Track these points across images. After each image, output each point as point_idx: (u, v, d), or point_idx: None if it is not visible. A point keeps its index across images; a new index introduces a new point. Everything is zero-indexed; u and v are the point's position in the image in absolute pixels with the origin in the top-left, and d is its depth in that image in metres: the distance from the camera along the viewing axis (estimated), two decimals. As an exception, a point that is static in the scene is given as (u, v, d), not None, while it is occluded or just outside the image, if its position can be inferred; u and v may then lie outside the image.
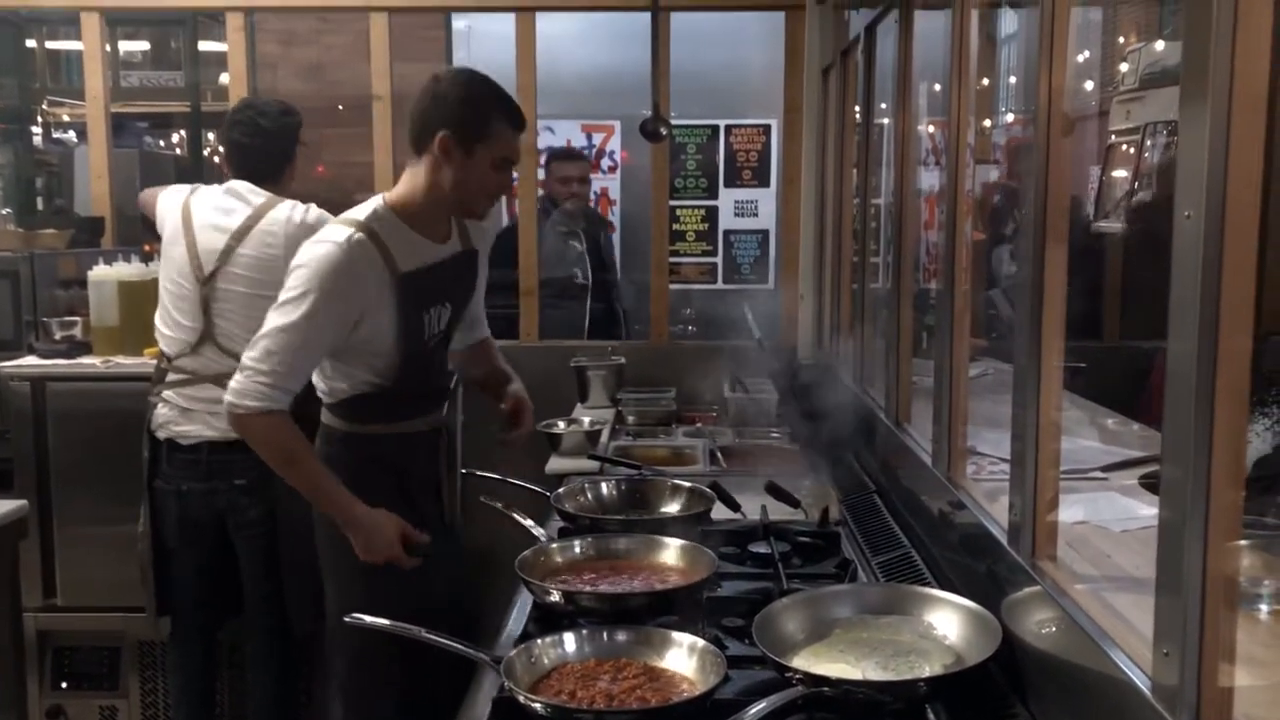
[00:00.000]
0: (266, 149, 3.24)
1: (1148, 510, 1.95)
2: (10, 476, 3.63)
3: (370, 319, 2.35)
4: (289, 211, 3.14)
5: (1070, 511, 1.81)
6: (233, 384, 2.30)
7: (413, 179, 2.42)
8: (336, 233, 2.33)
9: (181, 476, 3.18)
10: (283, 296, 2.30)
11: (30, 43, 7.35)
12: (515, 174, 2.58)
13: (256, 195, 3.18)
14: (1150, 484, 2.09)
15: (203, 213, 3.17)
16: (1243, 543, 1.21)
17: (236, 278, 3.10)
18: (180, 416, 3.16)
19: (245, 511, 3.17)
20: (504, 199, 4.79)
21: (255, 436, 2.33)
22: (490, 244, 2.74)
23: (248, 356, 2.30)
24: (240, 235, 3.11)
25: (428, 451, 2.59)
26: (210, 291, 3.11)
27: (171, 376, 3.17)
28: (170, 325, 3.18)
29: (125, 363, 3.69)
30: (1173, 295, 1.10)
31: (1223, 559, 1.09)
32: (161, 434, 3.18)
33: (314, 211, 3.16)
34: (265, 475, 2.95)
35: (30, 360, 3.72)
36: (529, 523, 2.36)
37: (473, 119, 2.34)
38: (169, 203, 3.27)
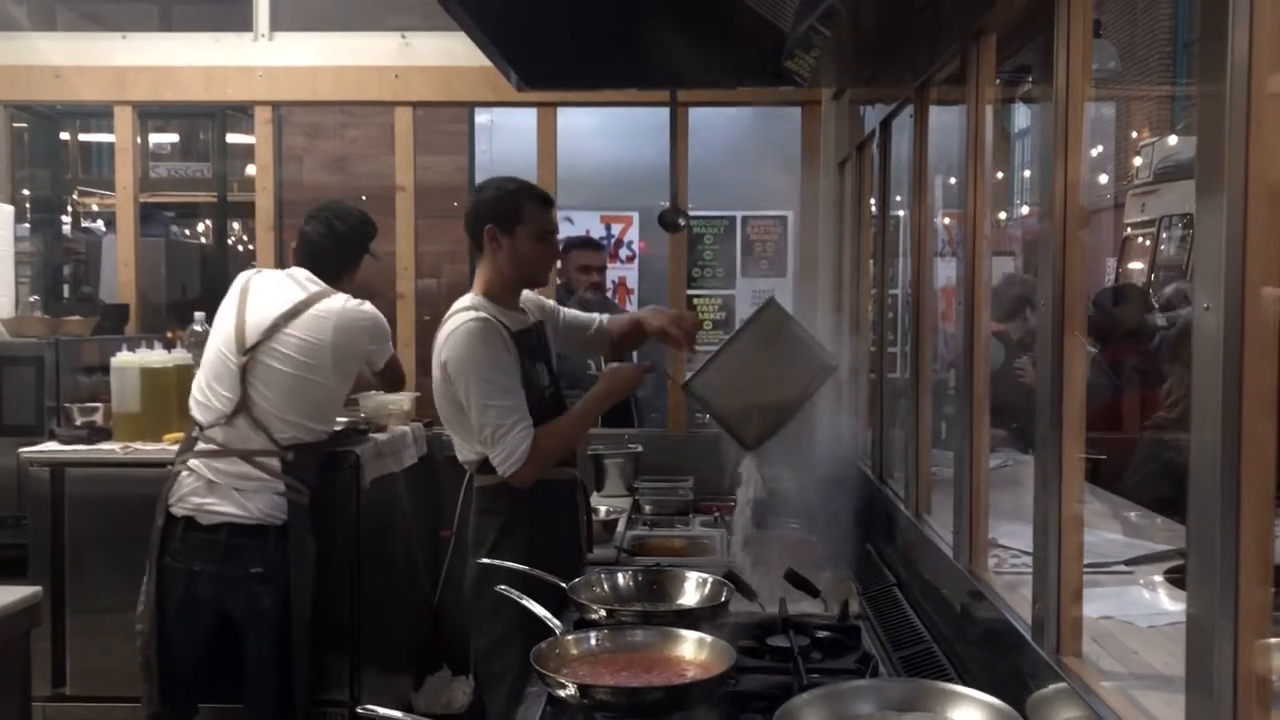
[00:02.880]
0: (335, 249, 3.39)
1: (1174, 606, 1.91)
2: (25, 563, 3.61)
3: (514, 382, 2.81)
4: (343, 302, 3.29)
5: (1095, 606, 1.78)
6: (497, 464, 2.76)
7: (484, 272, 2.93)
8: (460, 321, 2.81)
9: (196, 556, 3.14)
10: (462, 397, 2.78)
11: (64, 135, 7.54)
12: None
13: (313, 283, 3.32)
14: (1175, 579, 2.05)
15: (259, 290, 3.30)
16: (1273, 640, 1.18)
17: (280, 356, 3.18)
18: (205, 489, 3.15)
19: (259, 600, 3.14)
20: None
21: (544, 463, 2.79)
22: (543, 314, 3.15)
23: (492, 453, 2.77)
24: (290, 315, 3.22)
25: (566, 499, 2.96)
26: (251, 364, 3.17)
27: (201, 446, 3.18)
28: (207, 394, 3.22)
29: (145, 449, 3.69)
30: (1194, 388, 1.09)
31: (1254, 657, 1.06)
32: (180, 509, 3.16)
33: (367, 305, 3.34)
34: (281, 563, 2.99)
35: (51, 446, 3.74)
36: (545, 613, 2.32)
37: (507, 207, 2.88)
38: (234, 283, 3.40)
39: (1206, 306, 1.04)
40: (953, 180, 2.76)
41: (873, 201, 3.58)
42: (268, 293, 3.29)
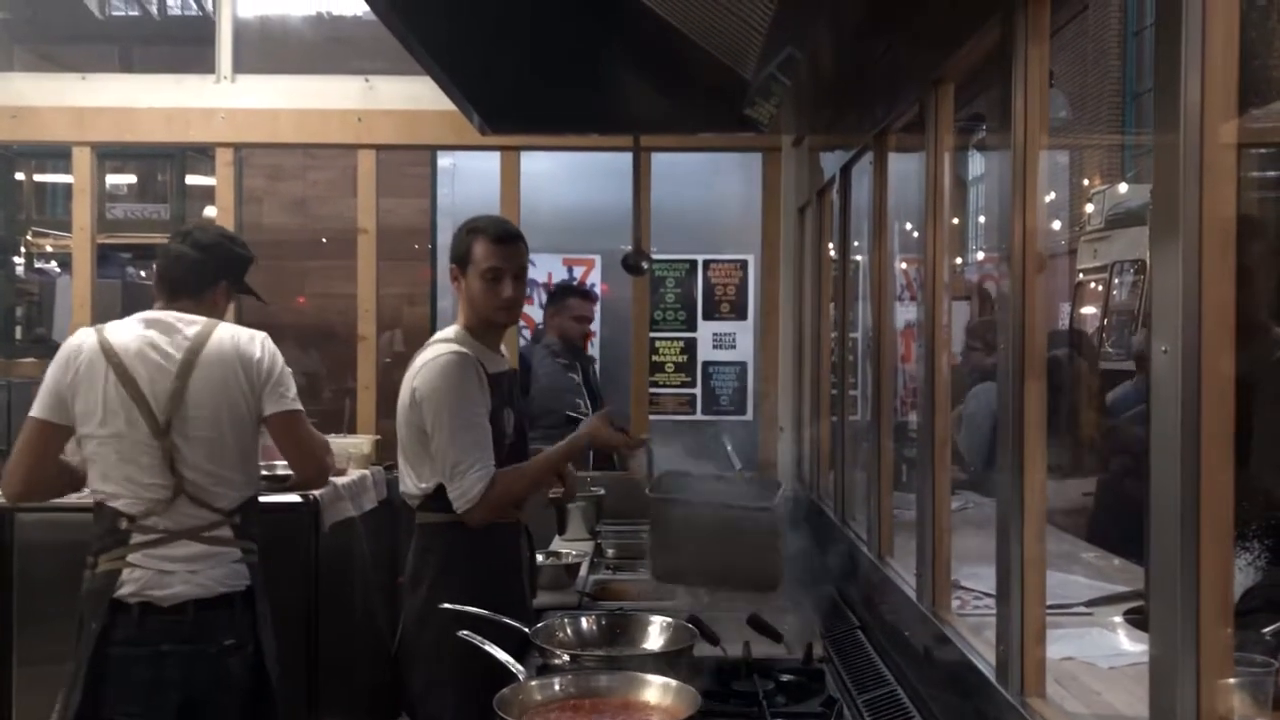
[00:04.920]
0: (193, 262, 2.95)
1: (1135, 646, 1.93)
2: (-29, 611, 3.52)
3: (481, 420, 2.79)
4: (229, 332, 2.89)
5: (1056, 647, 1.79)
6: (453, 498, 2.72)
7: (461, 306, 2.94)
8: (438, 352, 2.80)
9: (159, 639, 2.76)
10: (429, 427, 2.75)
11: (19, 175, 7.47)
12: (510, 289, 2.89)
13: (186, 321, 2.87)
14: (1135, 620, 2.07)
15: (132, 355, 2.81)
16: (1232, 680, 1.20)
17: (195, 421, 2.80)
18: (157, 579, 2.77)
19: (230, 672, 2.81)
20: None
21: (498, 505, 2.76)
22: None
23: (450, 487, 2.74)
24: (185, 373, 2.81)
25: (509, 543, 2.91)
26: (172, 444, 2.78)
27: (138, 538, 2.78)
28: (130, 486, 2.79)
29: (98, 493, 3.62)
30: (1152, 429, 1.11)
31: (1215, 697, 1.07)
32: (133, 600, 2.76)
33: (248, 331, 2.94)
34: (250, 628, 2.86)
35: (1, 490, 3.65)
36: (507, 658, 2.30)
37: (459, 246, 2.89)
38: (80, 357, 2.84)
39: (1164, 349, 1.07)
40: (909, 226, 2.81)
41: (832, 246, 3.62)
42: (142, 353, 2.81)
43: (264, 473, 3.13)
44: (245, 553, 2.90)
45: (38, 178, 8.77)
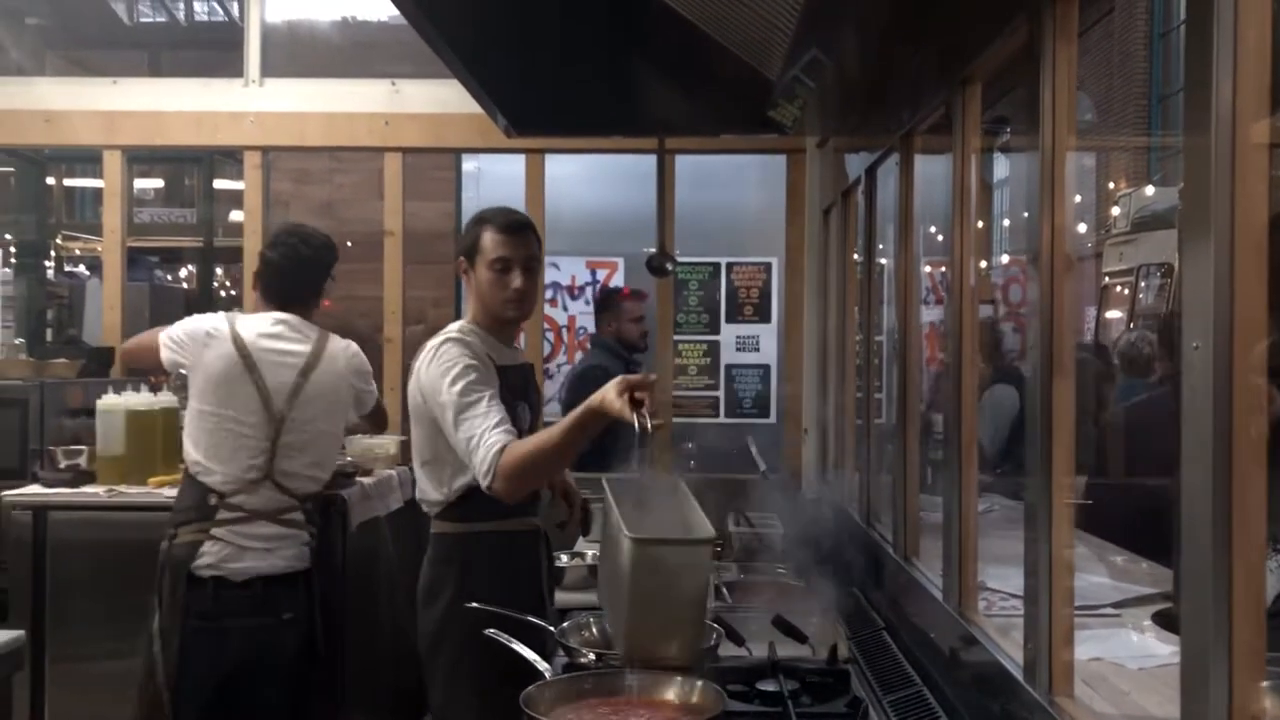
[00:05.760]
0: (301, 273, 3.30)
1: (1163, 648, 1.92)
2: (4, 608, 3.57)
3: None
4: (342, 347, 3.29)
5: (1084, 648, 1.79)
6: (478, 477, 2.53)
7: (469, 303, 2.88)
8: (433, 342, 2.70)
9: (226, 613, 3.05)
10: (436, 415, 2.63)
11: (49, 179, 7.57)
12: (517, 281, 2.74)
13: (306, 329, 3.24)
14: (1164, 621, 2.07)
15: (262, 352, 3.14)
16: (1265, 683, 1.19)
17: (306, 417, 3.15)
18: (235, 554, 3.06)
19: (286, 648, 3.11)
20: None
21: (516, 475, 2.51)
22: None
23: (473, 461, 2.54)
24: (306, 372, 3.16)
25: (528, 549, 2.82)
26: (281, 434, 3.11)
27: (224, 514, 3.07)
28: (225, 462, 3.08)
29: (129, 492, 3.67)
30: (1184, 427, 1.11)
31: (1248, 700, 1.07)
32: (207, 573, 3.05)
33: (355, 346, 3.34)
34: (308, 607, 3.08)
35: (34, 489, 3.71)
36: (533, 656, 2.31)
37: (466, 239, 2.81)
38: (213, 340, 3.15)
39: (1196, 345, 1.07)
40: (933, 229, 2.81)
41: (858, 248, 3.62)
42: (271, 352, 3.15)
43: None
44: (311, 536, 3.20)
45: (67, 182, 8.89)
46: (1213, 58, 1.06)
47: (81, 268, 8.37)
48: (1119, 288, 11.04)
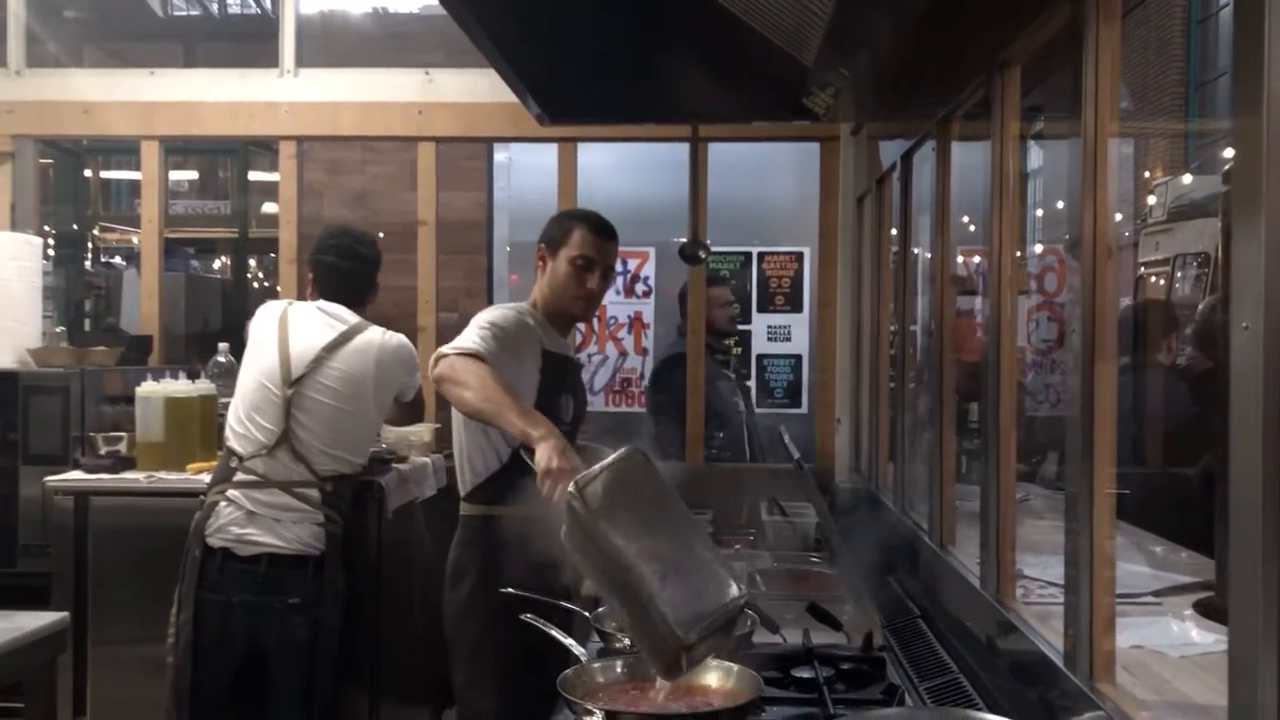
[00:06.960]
0: (359, 275, 3.46)
1: (1204, 637, 1.91)
2: (47, 592, 3.62)
3: (522, 384, 2.66)
4: (381, 334, 3.35)
5: (1124, 636, 1.77)
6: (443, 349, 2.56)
7: (537, 287, 2.92)
8: (506, 305, 2.80)
9: (232, 588, 3.14)
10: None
11: (86, 171, 7.65)
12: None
13: (350, 316, 3.36)
14: (1205, 610, 2.05)
15: (298, 322, 3.32)
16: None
17: (323, 388, 3.22)
18: (244, 519, 3.15)
19: (294, 631, 3.14)
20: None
21: (441, 380, 2.52)
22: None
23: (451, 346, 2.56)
24: (333, 348, 3.25)
25: (555, 533, 2.71)
26: (295, 397, 3.19)
27: (240, 476, 3.18)
28: (247, 425, 3.22)
29: (168, 478, 3.71)
30: (1233, 410, 1.10)
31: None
32: (217, 540, 3.15)
33: (401, 337, 3.40)
34: (317, 594, 2.99)
35: (76, 474, 3.76)
36: (569, 641, 2.32)
37: (555, 229, 2.89)
38: (264, 314, 3.41)
39: (1245, 325, 1.05)
40: (965, 218, 2.78)
41: (894, 234, 3.60)
42: (307, 324, 3.31)
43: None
44: (328, 520, 3.20)
45: (104, 174, 8.97)
46: (1264, 36, 1.05)
47: (118, 258, 8.46)
48: (1155, 278, 10.91)
